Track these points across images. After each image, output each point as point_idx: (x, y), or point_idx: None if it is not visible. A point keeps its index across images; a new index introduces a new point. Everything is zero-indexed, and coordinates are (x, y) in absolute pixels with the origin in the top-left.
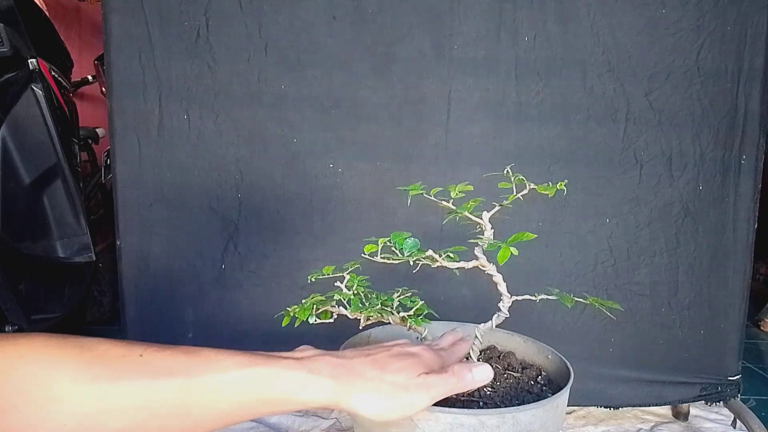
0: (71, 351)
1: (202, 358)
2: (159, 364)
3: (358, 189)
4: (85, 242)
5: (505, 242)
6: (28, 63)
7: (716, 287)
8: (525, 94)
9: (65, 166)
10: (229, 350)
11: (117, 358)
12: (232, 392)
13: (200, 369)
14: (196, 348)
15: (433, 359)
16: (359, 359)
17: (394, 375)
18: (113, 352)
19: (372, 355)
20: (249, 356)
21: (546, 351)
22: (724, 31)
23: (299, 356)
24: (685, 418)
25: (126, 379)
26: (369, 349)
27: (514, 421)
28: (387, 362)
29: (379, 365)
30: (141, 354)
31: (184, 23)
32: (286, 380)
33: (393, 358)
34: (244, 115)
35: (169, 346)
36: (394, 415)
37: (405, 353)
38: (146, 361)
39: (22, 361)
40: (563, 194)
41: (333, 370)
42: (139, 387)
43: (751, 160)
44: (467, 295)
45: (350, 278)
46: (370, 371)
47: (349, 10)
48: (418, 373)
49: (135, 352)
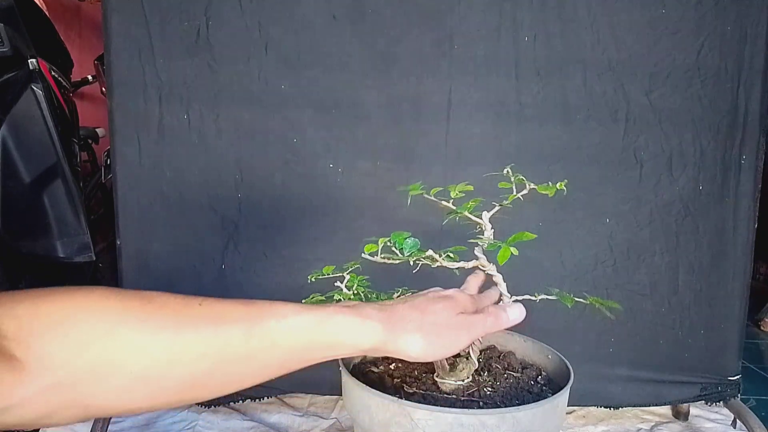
0: (132, 302)
1: (259, 306)
2: (219, 312)
3: (358, 189)
4: (85, 242)
5: (505, 242)
6: (28, 63)
7: (716, 287)
8: (525, 94)
9: (65, 166)
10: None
11: (178, 308)
12: (291, 336)
13: (259, 316)
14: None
15: (467, 300)
16: (400, 305)
17: (435, 315)
18: (173, 302)
19: (410, 301)
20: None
21: (546, 351)
22: (724, 31)
23: (349, 304)
24: (685, 418)
25: (188, 327)
26: (406, 298)
27: (514, 420)
28: (426, 305)
29: (419, 309)
30: (200, 303)
31: (184, 23)
32: (341, 324)
33: (430, 301)
34: (244, 115)
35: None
36: (438, 353)
37: (441, 296)
38: (206, 310)
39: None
40: (563, 194)
41: (380, 314)
42: (201, 335)
43: (752, 160)
44: None
45: (350, 278)
46: (412, 314)
47: (349, 10)
48: (456, 312)
49: (194, 302)
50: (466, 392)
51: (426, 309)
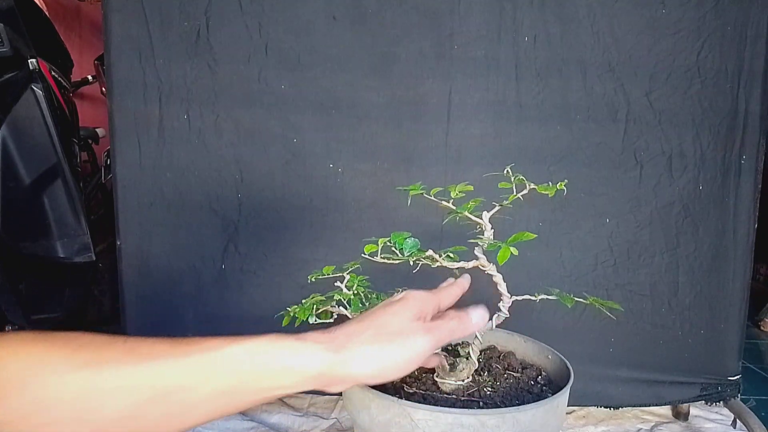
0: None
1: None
2: (144, 348)
3: (358, 189)
4: (85, 242)
5: (505, 242)
6: (28, 63)
7: (716, 287)
8: (525, 94)
9: (65, 166)
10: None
11: (102, 345)
12: (228, 366)
13: (185, 350)
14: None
15: (424, 300)
16: (347, 324)
17: (386, 324)
18: (99, 340)
19: (358, 317)
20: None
21: (546, 351)
22: (724, 32)
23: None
24: (685, 418)
25: (112, 363)
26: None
27: (515, 420)
28: (374, 315)
29: (367, 320)
30: (124, 341)
31: (185, 23)
32: (280, 349)
33: (380, 309)
34: (245, 115)
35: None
36: (396, 366)
37: (392, 301)
38: (130, 347)
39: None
40: (563, 194)
41: (320, 336)
42: (125, 370)
43: (752, 161)
44: (467, 295)
45: (350, 278)
46: (359, 328)
47: (350, 11)
48: (411, 315)
49: (119, 340)
50: (466, 392)
51: (375, 319)
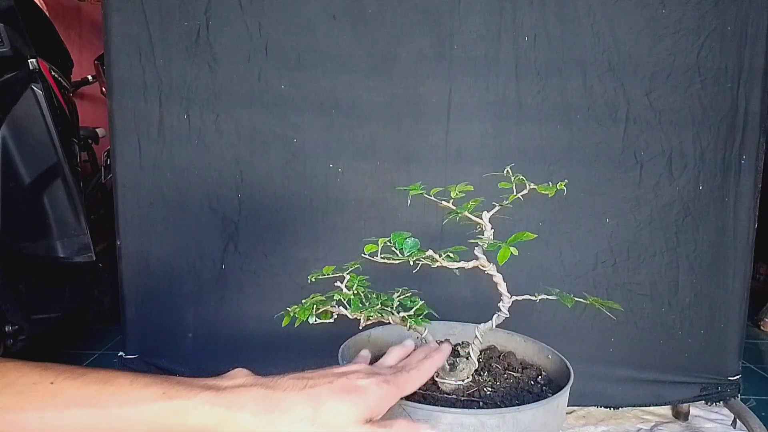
0: None
1: (115, 387)
2: (69, 393)
3: (358, 189)
4: (85, 242)
5: (505, 242)
6: (28, 63)
7: (716, 287)
8: (525, 94)
9: (65, 166)
10: (146, 378)
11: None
12: (143, 425)
13: (111, 400)
14: (113, 374)
15: (383, 396)
16: (292, 393)
17: (330, 417)
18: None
19: (309, 388)
20: (166, 386)
21: (546, 351)
22: (724, 31)
23: (224, 385)
24: (685, 418)
25: (34, 408)
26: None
27: (515, 420)
28: (324, 399)
29: (314, 402)
30: (52, 381)
31: (184, 23)
32: (202, 415)
33: (333, 394)
34: (245, 115)
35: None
36: None
37: (351, 388)
38: (57, 390)
39: None
40: (563, 194)
41: (257, 405)
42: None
43: (752, 160)
44: (467, 295)
45: (350, 278)
46: (302, 409)
47: (350, 10)
48: (359, 418)
49: (47, 379)
50: (466, 392)
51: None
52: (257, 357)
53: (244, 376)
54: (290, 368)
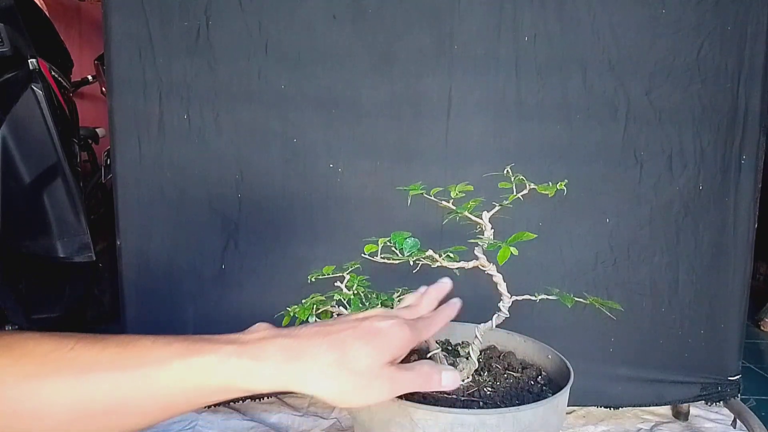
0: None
1: (137, 349)
2: (89, 358)
3: (358, 188)
4: (85, 242)
5: (505, 242)
6: (28, 63)
7: (716, 286)
8: (525, 93)
9: (65, 166)
10: (168, 337)
11: (46, 354)
12: (169, 384)
13: (133, 361)
14: (132, 337)
15: (405, 339)
16: (317, 340)
17: (356, 361)
18: (42, 347)
19: (333, 335)
20: (188, 343)
21: (546, 351)
22: (724, 30)
23: (246, 339)
24: (685, 418)
25: (54, 375)
26: (333, 324)
27: (515, 420)
28: (350, 345)
29: (339, 348)
30: (72, 348)
31: (184, 22)
32: (228, 369)
33: (357, 339)
34: (245, 114)
35: (104, 338)
36: (353, 401)
37: (374, 331)
38: (76, 356)
39: None
40: (563, 193)
41: (283, 353)
42: (68, 383)
43: (752, 159)
44: (467, 295)
45: (350, 278)
46: (328, 354)
47: (350, 9)
48: (383, 361)
49: (66, 346)
50: (466, 392)
51: (348, 350)
52: None
53: (265, 329)
54: None
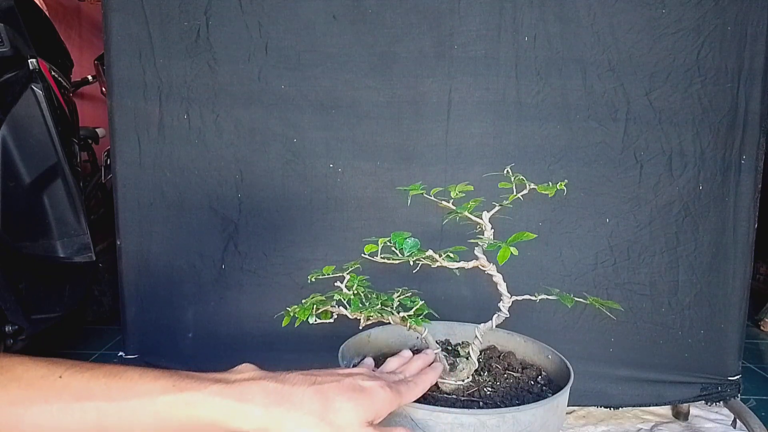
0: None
1: (124, 380)
2: (78, 386)
3: (358, 189)
4: (85, 242)
5: (505, 242)
6: (28, 63)
7: (716, 287)
8: (525, 94)
9: (65, 166)
10: (155, 371)
11: (35, 380)
12: (154, 418)
13: (120, 393)
14: (120, 369)
15: (387, 400)
16: (301, 388)
17: (338, 414)
18: (32, 373)
19: (318, 385)
20: (176, 379)
21: (546, 351)
22: (724, 31)
23: (233, 379)
24: (685, 418)
25: (42, 402)
26: (319, 374)
27: (514, 420)
28: (333, 397)
29: (323, 399)
30: (60, 375)
31: (184, 23)
32: (212, 407)
33: (341, 393)
34: (245, 114)
35: (93, 366)
36: None
37: (358, 389)
38: (65, 383)
39: None
40: (563, 194)
41: (266, 397)
42: (55, 410)
43: (752, 160)
44: (467, 295)
45: (350, 278)
46: (311, 403)
47: (350, 10)
48: (364, 419)
49: (55, 373)
50: (466, 392)
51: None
52: (257, 357)
53: (251, 370)
54: (290, 368)
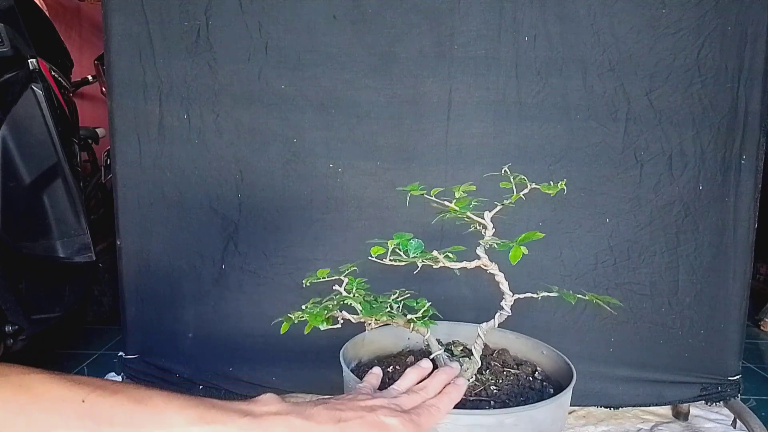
0: (6, 392)
1: (149, 408)
2: (101, 411)
3: (358, 189)
4: (85, 242)
5: (515, 242)
6: (28, 63)
7: (716, 287)
8: (525, 94)
9: (65, 166)
10: (181, 399)
11: (56, 403)
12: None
13: (145, 422)
14: (146, 394)
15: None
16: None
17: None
18: (53, 394)
19: (343, 422)
20: (202, 410)
21: (540, 347)
22: (724, 31)
23: (258, 412)
24: (685, 418)
25: (62, 426)
26: (342, 408)
27: (530, 418)
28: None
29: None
30: (83, 399)
31: (185, 23)
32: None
33: (367, 430)
34: (245, 114)
35: (117, 390)
36: None
37: (380, 425)
38: (88, 408)
39: None
40: (563, 193)
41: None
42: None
43: (752, 160)
44: (468, 295)
45: (349, 281)
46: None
47: (350, 10)
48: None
49: (78, 395)
50: (473, 392)
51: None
52: (257, 356)
53: (276, 402)
54: (290, 367)
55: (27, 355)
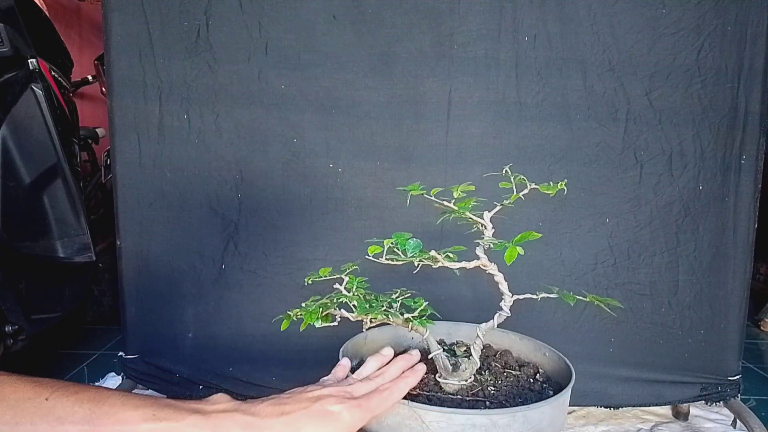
0: None
1: (107, 407)
2: (63, 410)
3: (358, 189)
4: (85, 242)
5: (512, 242)
6: (28, 63)
7: (716, 287)
8: (525, 94)
9: (65, 166)
10: (137, 399)
11: (21, 401)
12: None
13: (103, 419)
14: (105, 393)
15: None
16: (271, 420)
17: None
18: (19, 394)
19: (287, 414)
20: (155, 408)
21: (542, 348)
22: (724, 31)
23: (208, 410)
24: (685, 418)
25: (28, 423)
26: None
27: (525, 419)
28: (302, 426)
29: (292, 429)
30: (47, 398)
31: (184, 23)
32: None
33: (309, 420)
34: (245, 114)
35: (78, 390)
36: None
37: (325, 414)
38: (51, 406)
39: None
40: (563, 194)
41: (240, 429)
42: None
43: (752, 160)
44: (467, 295)
45: (349, 280)
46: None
47: (350, 10)
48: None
49: (41, 395)
50: (470, 392)
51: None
52: (257, 356)
53: (226, 401)
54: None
55: (27, 355)
